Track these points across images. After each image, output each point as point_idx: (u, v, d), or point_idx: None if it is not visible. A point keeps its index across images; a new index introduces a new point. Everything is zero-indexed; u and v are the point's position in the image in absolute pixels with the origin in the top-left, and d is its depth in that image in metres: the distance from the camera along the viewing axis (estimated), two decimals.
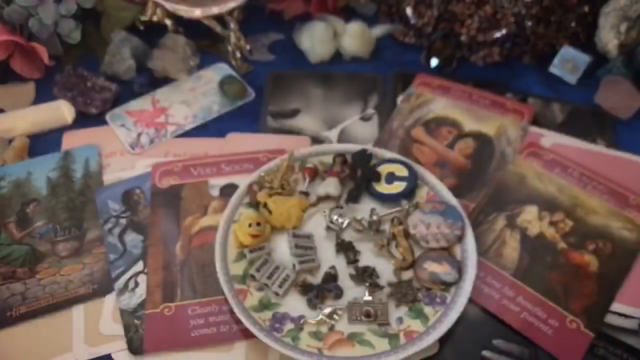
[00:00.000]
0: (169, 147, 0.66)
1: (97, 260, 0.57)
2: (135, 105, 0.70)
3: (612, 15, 0.68)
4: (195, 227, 0.59)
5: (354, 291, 0.54)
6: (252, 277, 0.54)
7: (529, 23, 0.71)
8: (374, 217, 0.57)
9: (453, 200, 0.58)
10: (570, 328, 0.52)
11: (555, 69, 0.72)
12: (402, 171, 0.60)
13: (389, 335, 0.51)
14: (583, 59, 0.70)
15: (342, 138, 0.67)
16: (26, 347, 0.52)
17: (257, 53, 0.76)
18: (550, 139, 0.65)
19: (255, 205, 0.58)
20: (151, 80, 0.72)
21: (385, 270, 0.55)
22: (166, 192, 0.61)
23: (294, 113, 0.70)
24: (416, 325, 0.51)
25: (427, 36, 0.75)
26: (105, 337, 0.53)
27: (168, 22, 0.74)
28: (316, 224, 0.58)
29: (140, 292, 0.55)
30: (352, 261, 0.56)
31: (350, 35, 0.74)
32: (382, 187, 0.59)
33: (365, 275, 0.54)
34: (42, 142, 0.67)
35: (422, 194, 0.60)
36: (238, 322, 0.52)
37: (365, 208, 0.59)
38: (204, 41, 0.76)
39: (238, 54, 0.74)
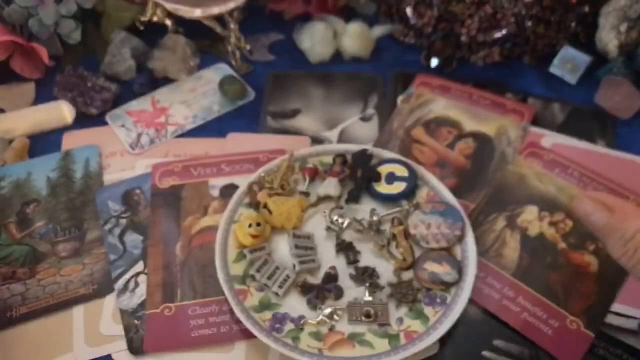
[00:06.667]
0: (169, 147, 0.66)
1: (97, 260, 0.57)
2: (135, 105, 0.70)
3: (612, 15, 0.68)
4: (196, 228, 0.59)
5: (354, 291, 0.54)
6: (252, 277, 0.54)
7: (529, 23, 0.71)
8: (374, 218, 0.57)
9: (453, 201, 0.58)
10: (570, 328, 0.52)
11: (555, 69, 0.72)
12: (402, 171, 0.60)
13: (389, 335, 0.51)
14: (583, 59, 0.70)
15: (342, 138, 0.67)
16: (26, 348, 0.52)
17: (257, 53, 0.76)
18: (550, 139, 0.65)
19: (255, 205, 0.58)
20: (151, 81, 0.72)
21: (386, 271, 0.55)
22: (166, 192, 0.61)
23: (294, 113, 0.70)
24: (416, 325, 0.51)
25: (427, 36, 0.75)
26: (105, 338, 0.53)
27: (168, 22, 0.74)
28: (316, 224, 0.58)
29: (141, 292, 0.55)
30: (352, 261, 0.56)
31: (350, 35, 0.74)
32: (382, 187, 0.59)
33: (366, 276, 0.54)
34: (42, 142, 0.67)
35: (422, 194, 0.60)
36: (238, 322, 0.52)
37: (365, 208, 0.59)
38: (204, 41, 0.76)
39: (238, 54, 0.74)
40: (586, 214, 0.42)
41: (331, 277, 0.54)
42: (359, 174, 0.60)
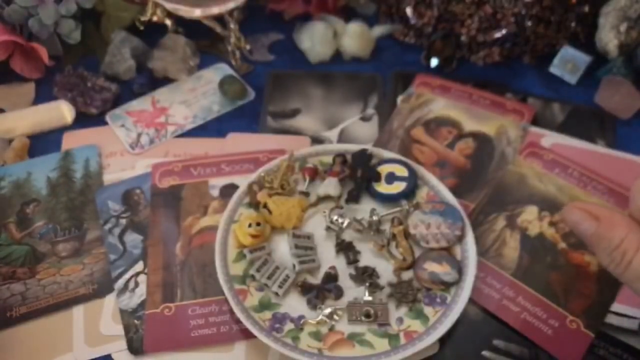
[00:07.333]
0: (169, 147, 0.66)
1: (97, 260, 0.57)
2: (135, 105, 0.70)
3: (612, 15, 0.68)
4: (195, 227, 0.59)
5: (354, 291, 0.54)
6: (252, 277, 0.54)
7: (529, 23, 0.71)
8: (374, 217, 0.57)
9: (453, 200, 0.58)
10: (570, 328, 0.52)
11: (555, 69, 0.72)
12: (402, 171, 0.60)
13: (389, 335, 0.51)
14: (583, 59, 0.70)
15: (342, 138, 0.67)
16: (26, 348, 0.52)
17: (257, 53, 0.76)
18: (550, 139, 0.65)
19: (255, 205, 0.58)
20: (151, 80, 0.72)
21: (385, 271, 0.55)
22: (166, 192, 0.61)
23: (294, 113, 0.70)
24: (416, 325, 0.51)
25: (427, 36, 0.75)
26: (105, 338, 0.53)
27: (168, 22, 0.74)
28: (316, 224, 0.58)
29: (140, 292, 0.55)
30: (352, 261, 0.56)
31: (350, 35, 0.74)
32: (382, 187, 0.59)
33: (365, 276, 0.54)
34: (42, 142, 0.67)
35: (422, 194, 0.60)
36: (238, 322, 0.52)
37: (365, 208, 0.59)
38: (204, 41, 0.76)
39: (238, 54, 0.74)
40: (574, 224, 0.43)
41: (331, 277, 0.54)
42: (359, 174, 0.60)
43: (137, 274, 0.56)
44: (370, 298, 0.53)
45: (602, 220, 0.42)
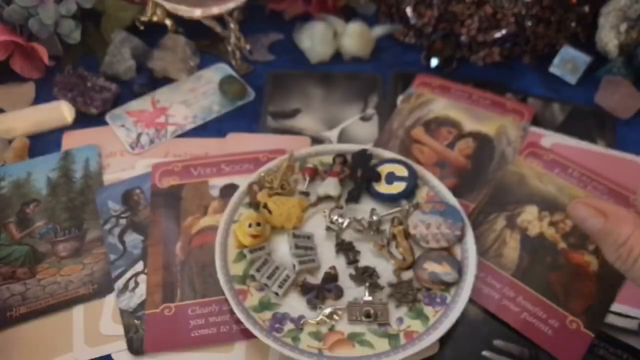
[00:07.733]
0: (169, 147, 0.66)
1: (97, 260, 0.57)
2: (135, 105, 0.70)
3: (612, 15, 0.69)
4: (195, 228, 0.59)
5: (354, 291, 0.54)
6: (252, 277, 0.54)
7: (529, 23, 0.71)
8: (374, 217, 0.57)
9: (453, 200, 0.58)
10: (570, 328, 0.52)
11: (555, 69, 0.72)
12: (402, 171, 0.60)
13: (389, 335, 0.51)
14: (583, 59, 0.70)
15: (342, 138, 0.67)
16: (26, 348, 0.52)
17: (257, 53, 0.76)
18: (550, 139, 0.65)
19: (255, 205, 0.59)
20: (151, 81, 0.72)
21: (385, 271, 0.55)
22: (166, 192, 0.61)
23: (294, 113, 0.70)
24: (416, 325, 0.51)
25: (427, 36, 0.75)
26: (105, 338, 0.53)
27: (168, 22, 0.74)
28: (316, 224, 0.58)
29: (141, 292, 0.55)
30: (352, 261, 0.56)
31: (350, 35, 0.74)
32: (382, 187, 0.59)
33: (365, 276, 0.54)
34: (42, 142, 0.67)
35: (422, 194, 0.60)
36: (238, 322, 0.52)
37: (365, 208, 0.59)
38: (204, 41, 0.76)
39: (238, 54, 0.74)
40: (581, 219, 0.43)
41: (331, 277, 0.54)
42: (359, 174, 0.60)
43: (137, 274, 0.56)
44: (370, 298, 0.53)
45: (609, 216, 0.42)
